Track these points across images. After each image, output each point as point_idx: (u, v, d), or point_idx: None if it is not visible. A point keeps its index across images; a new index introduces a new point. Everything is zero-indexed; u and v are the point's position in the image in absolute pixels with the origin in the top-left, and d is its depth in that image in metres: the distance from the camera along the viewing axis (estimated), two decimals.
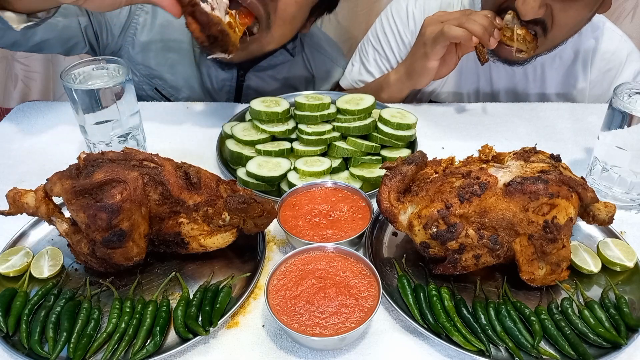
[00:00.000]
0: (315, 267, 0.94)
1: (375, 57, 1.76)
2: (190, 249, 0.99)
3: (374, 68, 1.76)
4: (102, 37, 1.64)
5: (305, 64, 1.79)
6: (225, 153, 1.35)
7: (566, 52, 1.63)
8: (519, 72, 1.66)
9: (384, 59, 1.75)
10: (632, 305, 0.93)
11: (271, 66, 1.71)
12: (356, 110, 1.32)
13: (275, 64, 1.71)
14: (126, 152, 0.99)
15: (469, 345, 0.85)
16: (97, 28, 1.61)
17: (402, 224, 0.96)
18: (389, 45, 1.73)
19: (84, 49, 1.63)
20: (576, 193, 0.93)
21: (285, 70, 1.75)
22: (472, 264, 0.93)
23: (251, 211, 0.97)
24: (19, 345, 0.86)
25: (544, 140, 1.44)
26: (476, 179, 0.92)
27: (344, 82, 1.81)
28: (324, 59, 1.82)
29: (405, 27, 1.71)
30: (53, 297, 0.93)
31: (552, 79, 1.67)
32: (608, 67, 1.65)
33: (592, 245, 1.05)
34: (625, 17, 2.23)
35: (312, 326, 0.84)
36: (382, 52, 1.75)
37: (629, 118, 1.09)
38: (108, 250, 0.91)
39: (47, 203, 0.97)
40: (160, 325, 0.88)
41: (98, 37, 1.63)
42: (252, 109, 1.34)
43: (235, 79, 1.70)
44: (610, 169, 1.17)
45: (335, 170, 1.27)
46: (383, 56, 1.75)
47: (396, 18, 1.72)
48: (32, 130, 1.49)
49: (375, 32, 1.77)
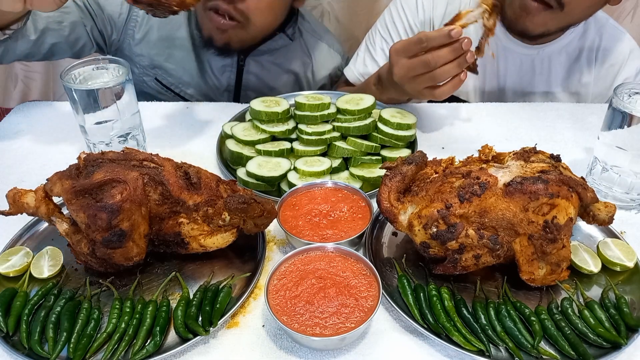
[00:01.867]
0: (315, 267, 0.94)
1: (382, 47, 1.77)
2: (190, 249, 0.99)
3: (381, 57, 1.77)
4: (107, 35, 1.67)
5: (303, 48, 1.81)
6: (225, 153, 1.35)
7: (572, 47, 1.64)
8: (526, 64, 1.66)
9: None
10: (632, 305, 0.93)
11: (270, 50, 1.73)
12: (356, 110, 1.32)
13: (274, 48, 1.73)
14: (126, 152, 0.99)
15: (469, 345, 0.85)
16: (102, 27, 1.64)
17: (402, 224, 0.96)
18: (398, 35, 1.75)
19: (92, 49, 1.67)
20: (576, 193, 0.93)
21: (284, 55, 1.76)
22: (472, 264, 0.93)
23: (251, 211, 0.97)
24: (19, 345, 0.86)
25: (544, 140, 1.44)
26: (476, 179, 0.92)
27: (349, 73, 1.82)
28: (322, 44, 1.85)
29: (415, 17, 1.73)
30: (53, 297, 0.93)
31: (558, 74, 1.69)
32: (611, 63, 1.67)
33: (592, 245, 1.05)
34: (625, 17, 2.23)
35: (312, 326, 0.84)
36: (391, 40, 1.76)
37: (629, 118, 1.09)
38: (108, 250, 0.91)
39: (47, 203, 0.97)
40: (160, 325, 0.88)
41: (104, 35, 1.66)
42: (252, 109, 1.34)
43: (235, 64, 1.72)
44: (610, 169, 1.17)
45: (335, 170, 1.27)
46: None
47: (405, 8, 1.74)
48: (32, 130, 1.49)
49: (384, 22, 1.79)
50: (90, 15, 1.60)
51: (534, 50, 1.63)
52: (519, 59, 1.65)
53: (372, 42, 1.80)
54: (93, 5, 1.60)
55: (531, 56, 1.64)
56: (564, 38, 1.62)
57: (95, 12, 1.61)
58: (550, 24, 1.48)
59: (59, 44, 1.54)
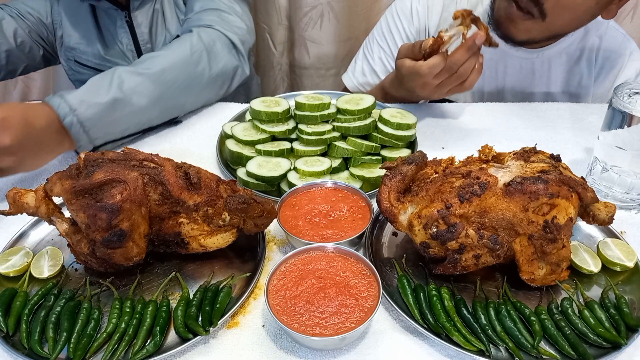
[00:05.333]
0: (315, 267, 0.94)
1: (380, 56, 1.77)
2: (190, 249, 0.99)
3: (379, 67, 1.77)
4: (44, 36, 1.78)
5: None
6: (225, 153, 1.35)
7: (572, 49, 1.64)
8: (526, 67, 1.67)
9: (390, 57, 1.76)
10: (632, 305, 0.93)
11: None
12: (356, 110, 1.32)
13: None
14: (126, 152, 0.99)
15: (469, 345, 0.85)
16: (37, 29, 1.76)
17: (402, 224, 0.96)
18: (395, 44, 1.75)
19: (39, 51, 1.80)
20: (576, 193, 0.93)
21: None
22: (472, 264, 0.93)
23: (251, 211, 0.97)
24: (19, 345, 0.86)
25: (544, 140, 1.44)
26: (476, 179, 0.92)
27: (349, 82, 1.82)
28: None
29: (410, 25, 1.73)
30: (53, 297, 0.93)
31: (558, 75, 1.69)
32: (611, 64, 1.67)
33: (592, 245, 1.05)
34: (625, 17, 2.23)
35: (312, 326, 0.84)
36: (389, 50, 1.76)
37: (629, 118, 1.09)
38: (108, 250, 0.91)
39: (47, 203, 0.97)
40: (160, 325, 0.88)
41: (42, 36, 1.78)
42: (252, 109, 1.34)
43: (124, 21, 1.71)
44: (610, 169, 1.17)
45: (335, 170, 1.27)
46: (389, 55, 1.76)
47: (401, 16, 1.74)
48: None
49: (380, 30, 1.79)
50: (24, 19, 1.72)
51: (533, 54, 1.63)
52: (519, 63, 1.65)
53: (369, 51, 1.80)
54: (23, 12, 1.72)
55: (531, 60, 1.64)
56: (564, 41, 1.61)
57: (26, 17, 1.72)
58: (534, 32, 1.48)
59: (11, 51, 1.69)
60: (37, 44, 1.78)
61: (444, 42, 1.27)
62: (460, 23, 1.27)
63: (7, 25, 1.66)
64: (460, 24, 1.27)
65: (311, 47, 2.34)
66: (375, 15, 2.28)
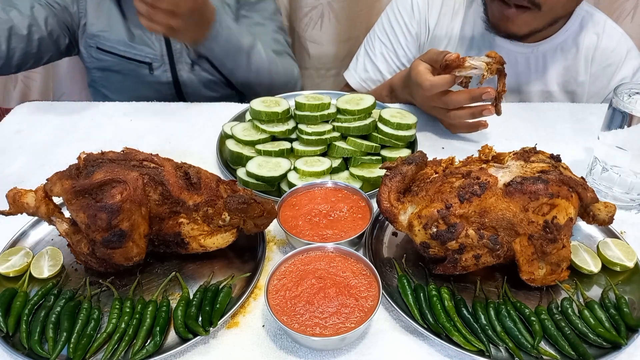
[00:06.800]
0: (315, 267, 0.94)
1: (382, 51, 1.78)
2: (190, 249, 0.99)
3: (381, 62, 1.77)
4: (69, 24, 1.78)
5: None
6: (225, 153, 1.35)
7: (567, 45, 1.64)
8: (522, 62, 1.67)
9: (391, 52, 1.77)
10: (632, 305, 0.93)
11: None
12: (356, 110, 1.32)
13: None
14: (126, 152, 0.99)
15: (469, 345, 0.85)
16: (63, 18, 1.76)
17: (402, 224, 0.96)
18: (397, 39, 1.76)
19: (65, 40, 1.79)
20: (576, 193, 0.93)
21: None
22: (472, 264, 0.93)
23: (251, 211, 0.97)
24: (19, 345, 0.86)
25: (544, 140, 1.44)
26: (476, 179, 0.92)
27: (351, 79, 1.82)
28: None
29: (412, 19, 1.74)
30: (53, 297, 0.93)
31: (554, 72, 1.69)
32: (608, 62, 1.67)
33: (592, 245, 1.05)
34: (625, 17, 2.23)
35: (312, 326, 0.84)
36: (390, 45, 1.77)
37: (629, 118, 1.09)
38: (108, 251, 0.91)
39: (47, 203, 0.96)
40: (160, 325, 0.88)
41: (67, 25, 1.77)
42: (252, 109, 1.34)
43: None
44: (610, 169, 1.17)
45: (335, 170, 1.27)
46: (391, 50, 1.77)
47: (402, 11, 1.75)
48: (32, 130, 1.49)
49: (382, 26, 1.80)
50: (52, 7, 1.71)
51: (528, 49, 1.63)
52: (514, 57, 1.65)
53: (371, 47, 1.81)
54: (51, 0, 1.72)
55: (525, 54, 1.65)
56: (557, 36, 1.62)
57: (54, 5, 1.72)
58: (535, 23, 1.48)
59: (43, 39, 1.67)
60: (64, 32, 1.78)
61: (462, 66, 1.27)
62: (488, 63, 1.26)
63: (39, 13, 1.66)
64: (487, 63, 1.26)
65: (311, 47, 2.33)
66: (375, 15, 2.28)
